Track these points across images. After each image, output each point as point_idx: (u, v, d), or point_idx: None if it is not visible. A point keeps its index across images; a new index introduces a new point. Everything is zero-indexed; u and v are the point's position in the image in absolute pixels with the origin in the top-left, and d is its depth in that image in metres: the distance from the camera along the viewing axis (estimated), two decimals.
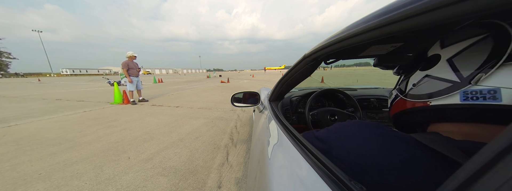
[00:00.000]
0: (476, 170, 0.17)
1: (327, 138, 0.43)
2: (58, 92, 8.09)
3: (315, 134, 0.48)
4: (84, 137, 2.43)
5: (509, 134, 0.16)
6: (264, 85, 8.70)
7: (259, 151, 0.67)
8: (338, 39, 0.43)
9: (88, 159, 1.81)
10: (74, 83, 15.34)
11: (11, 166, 1.68)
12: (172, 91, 7.73)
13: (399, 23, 0.28)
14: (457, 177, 0.19)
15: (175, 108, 4.26)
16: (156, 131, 2.60)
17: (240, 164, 1.69)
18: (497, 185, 0.15)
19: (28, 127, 2.92)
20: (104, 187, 1.37)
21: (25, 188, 1.36)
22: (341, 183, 0.32)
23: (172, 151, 1.97)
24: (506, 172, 0.15)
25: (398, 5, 0.28)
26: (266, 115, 0.99)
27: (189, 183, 1.42)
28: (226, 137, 2.37)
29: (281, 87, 0.98)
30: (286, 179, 0.42)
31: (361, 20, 0.36)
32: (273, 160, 0.52)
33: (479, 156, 0.18)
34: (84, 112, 3.93)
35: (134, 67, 4.76)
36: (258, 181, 0.51)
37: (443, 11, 0.22)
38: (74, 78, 38.59)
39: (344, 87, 1.58)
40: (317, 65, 0.72)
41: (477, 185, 0.16)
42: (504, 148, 0.16)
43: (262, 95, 1.46)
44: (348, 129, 0.41)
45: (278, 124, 0.73)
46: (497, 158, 0.16)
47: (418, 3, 0.24)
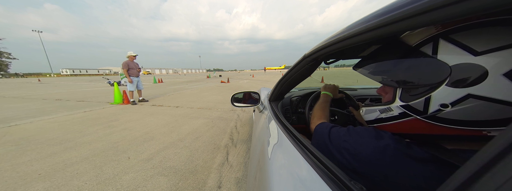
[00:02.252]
0: (476, 170, 0.17)
1: (345, 136, 0.42)
2: (58, 93, 8.09)
3: (334, 128, 0.46)
4: (84, 137, 2.43)
5: (509, 134, 0.16)
6: (264, 85, 8.70)
7: (259, 151, 0.67)
8: (338, 39, 0.43)
9: (88, 159, 1.81)
10: (74, 84, 15.33)
11: (11, 166, 1.68)
12: (172, 91, 7.73)
13: (399, 23, 0.28)
14: (457, 177, 0.19)
15: (175, 108, 4.26)
16: (156, 131, 2.60)
17: (240, 164, 1.69)
18: (497, 185, 0.15)
19: (28, 127, 2.91)
20: (104, 187, 1.37)
21: (25, 188, 1.36)
22: (341, 183, 0.32)
23: (172, 151, 1.97)
24: (506, 172, 0.15)
25: (398, 5, 0.28)
26: (266, 115, 0.99)
27: (189, 183, 1.41)
28: (226, 137, 2.36)
29: (281, 87, 0.98)
30: (286, 179, 0.42)
31: (361, 20, 0.36)
32: (273, 160, 0.52)
33: (479, 156, 0.17)
34: (84, 112, 3.93)
35: (134, 67, 4.76)
36: (258, 181, 0.51)
37: (443, 11, 0.22)
38: (74, 78, 38.61)
39: (344, 87, 1.58)
40: (317, 65, 0.72)
41: (477, 185, 0.16)
42: (504, 148, 0.16)
43: (262, 95, 1.46)
44: (366, 134, 0.38)
45: (278, 124, 0.73)
46: (497, 158, 0.16)
47: (418, 3, 0.24)
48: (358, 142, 0.38)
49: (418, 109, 0.34)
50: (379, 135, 0.37)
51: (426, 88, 0.32)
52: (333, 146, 0.43)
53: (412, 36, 0.37)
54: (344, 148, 0.39)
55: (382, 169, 0.32)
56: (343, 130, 0.44)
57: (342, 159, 0.39)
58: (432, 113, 0.32)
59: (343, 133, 0.43)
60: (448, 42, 0.30)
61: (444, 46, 0.31)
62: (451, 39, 0.30)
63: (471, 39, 0.28)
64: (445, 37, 0.31)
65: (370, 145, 0.35)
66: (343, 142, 0.41)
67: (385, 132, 0.38)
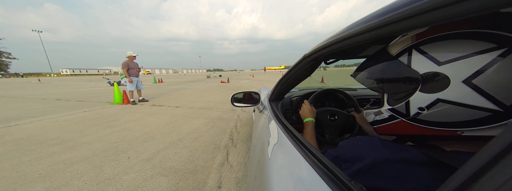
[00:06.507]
0: (476, 170, 0.17)
1: (348, 144, 0.43)
2: (58, 93, 8.08)
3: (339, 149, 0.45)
4: (84, 137, 2.43)
5: (508, 134, 0.16)
6: (264, 85, 8.70)
7: (259, 151, 0.67)
8: (338, 39, 0.43)
9: (88, 159, 1.81)
10: (74, 84, 15.33)
11: (11, 166, 1.68)
12: (172, 91, 7.73)
13: (399, 23, 0.28)
14: (456, 178, 0.19)
15: (175, 108, 4.25)
16: (156, 131, 2.60)
17: (240, 164, 1.69)
18: (497, 185, 0.15)
19: (28, 127, 2.91)
20: (104, 187, 1.37)
21: (25, 188, 1.36)
22: (341, 183, 0.32)
23: (172, 151, 1.97)
24: (505, 172, 0.15)
25: (398, 5, 0.28)
26: (266, 115, 0.99)
27: (189, 183, 1.41)
28: (226, 137, 2.36)
29: (281, 87, 0.98)
30: (286, 179, 0.42)
31: (361, 20, 0.36)
32: (273, 160, 0.52)
33: (478, 156, 0.17)
34: (84, 112, 3.93)
35: (134, 67, 4.76)
36: (258, 181, 0.51)
37: (443, 11, 0.22)
38: (74, 78, 38.60)
39: (344, 87, 1.58)
40: (317, 65, 0.72)
41: (477, 185, 0.16)
42: (503, 148, 0.16)
43: (262, 95, 1.46)
44: (361, 143, 0.40)
45: (278, 124, 0.73)
46: (497, 158, 0.16)
47: (418, 3, 0.24)
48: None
49: (402, 112, 0.38)
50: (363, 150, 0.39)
51: (404, 94, 0.37)
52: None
53: (394, 46, 0.40)
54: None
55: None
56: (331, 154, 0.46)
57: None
58: (413, 115, 0.36)
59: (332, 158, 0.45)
60: (418, 52, 0.34)
61: (415, 56, 0.34)
62: (420, 50, 0.34)
63: (435, 51, 0.32)
64: (417, 48, 0.34)
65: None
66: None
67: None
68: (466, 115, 0.29)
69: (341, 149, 0.43)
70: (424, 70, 0.33)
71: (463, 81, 0.28)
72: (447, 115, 0.31)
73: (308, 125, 0.78)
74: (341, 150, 0.43)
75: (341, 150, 0.42)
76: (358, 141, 0.42)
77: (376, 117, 0.47)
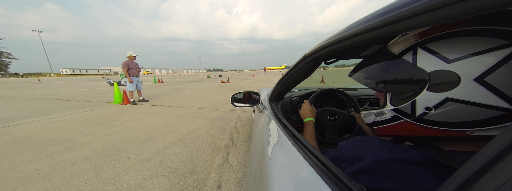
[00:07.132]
0: (476, 170, 0.17)
1: (348, 144, 0.43)
2: (58, 93, 8.08)
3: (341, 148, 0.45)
4: (84, 137, 2.42)
5: (508, 134, 0.16)
6: (264, 85, 8.70)
7: (259, 151, 0.67)
8: (338, 39, 0.43)
9: (88, 159, 1.81)
10: (74, 84, 15.33)
11: (11, 166, 1.68)
12: (172, 91, 7.73)
13: (399, 23, 0.28)
14: (455, 178, 0.19)
15: (175, 108, 4.25)
16: (156, 131, 2.60)
17: (240, 164, 1.69)
18: (497, 185, 0.15)
19: (28, 127, 2.91)
20: (104, 187, 1.37)
21: (25, 188, 1.36)
22: (341, 183, 0.32)
23: (172, 151, 1.97)
24: (505, 172, 0.15)
25: (398, 5, 0.28)
26: (266, 115, 0.99)
27: (189, 183, 1.41)
28: (226, 137, 2.36)
29: (281, 87, 0.97)
30: (286, 179, 0.42)
31: (361, 20, 0.36)
32: (273, 160, 0.52)
33: (478, 156, 0.17)
34: (84, 112, 3.93)
35: (134, 67, 4.76)
36: (258, 181, 0.51)
37: (443, 11, 0.22)
38: (74, 78, 38.61)
39: (344, 87, 1.58)
40: (317, 65, 0.72)
41: (477, 185, 0.16)
42: (503, 148, 0.16)
43: (262, 95, 1.46)
44: (359, 144, 0.40)
45: (278, 124, 0.73)
46: (497, 158, 0.16)
47: (418, 3, 0.24)
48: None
49: (407, 112, 0.37)
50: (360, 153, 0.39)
51: (410, 93, 0.35)
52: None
53: (395, 45, 0.39)
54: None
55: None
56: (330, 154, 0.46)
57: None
58: (419, 116, 0.35)
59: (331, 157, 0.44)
60: (424, 51, 0.33)
61: (421, 55, 0.33)
62: (427, 48, 0.33)
63: (443, 48, 0.31)
64: (422, 46, 0.33)
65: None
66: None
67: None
68: (477, 114, 0.28)
69: (341, 149, 0.43)
70: (432, 69, 0.32)
71: (474, 79, 0.27)
72: (456, 115, 0.30)
73: (308, 125, 0.78)
74: (341, 150, 0.42)
75: (341, 150, 0.42)
76: (358, 141, 0.42)
77: (377, 117, 0.46)
